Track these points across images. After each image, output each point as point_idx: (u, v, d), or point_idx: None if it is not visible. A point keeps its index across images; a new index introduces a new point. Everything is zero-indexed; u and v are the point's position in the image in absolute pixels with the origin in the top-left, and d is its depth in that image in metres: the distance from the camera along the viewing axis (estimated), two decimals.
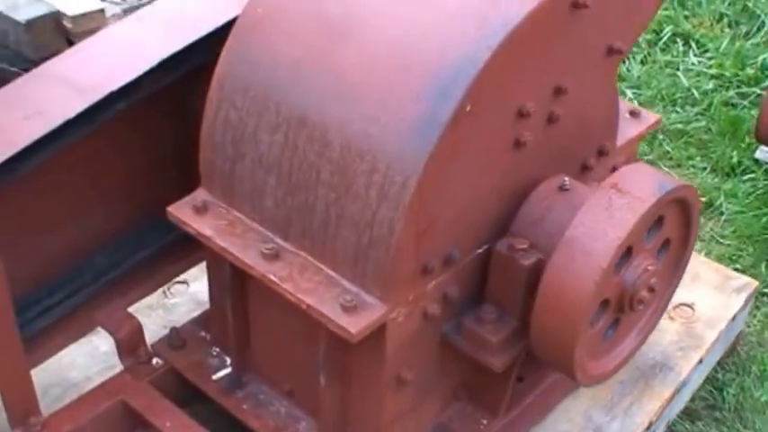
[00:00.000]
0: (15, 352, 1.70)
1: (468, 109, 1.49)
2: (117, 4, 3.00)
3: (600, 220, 1.57)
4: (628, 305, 1.70)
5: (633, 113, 2.11)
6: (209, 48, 1.85)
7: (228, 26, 1.85)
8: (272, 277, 1.64)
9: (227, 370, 2.00)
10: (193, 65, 1.87)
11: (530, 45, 1.55)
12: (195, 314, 2.22)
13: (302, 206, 1.64)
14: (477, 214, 1.68)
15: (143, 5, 2.98)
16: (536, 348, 1.71)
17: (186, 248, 2.08)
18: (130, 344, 1.98)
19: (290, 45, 1.63)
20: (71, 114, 1.69)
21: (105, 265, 2.01)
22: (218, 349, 2.02)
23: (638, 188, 1.61)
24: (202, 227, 1.73)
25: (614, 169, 2.02)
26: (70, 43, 2.77)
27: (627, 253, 1.64)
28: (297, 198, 1.64)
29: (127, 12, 2.93)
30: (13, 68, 2.71)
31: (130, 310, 2.00)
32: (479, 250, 1.74)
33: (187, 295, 2.40)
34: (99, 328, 2.00)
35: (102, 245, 2.00)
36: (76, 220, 1.92)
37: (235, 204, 1.75)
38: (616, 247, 1.55)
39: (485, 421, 1.94)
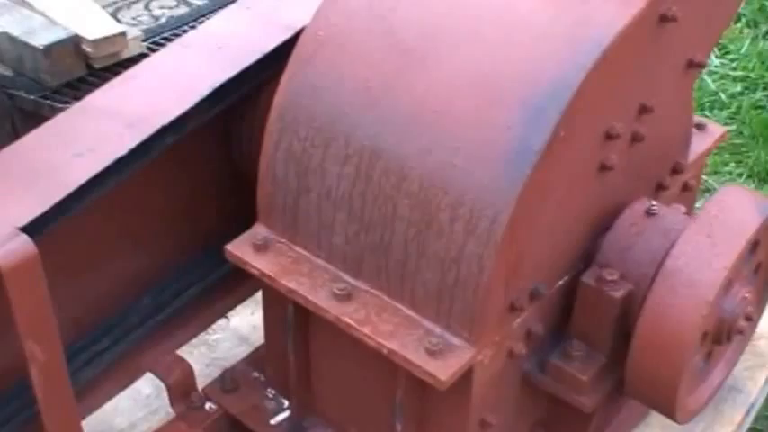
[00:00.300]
0: (69, 405, 1.59)
1: (561, 135, 1.39)
2: (134, 25, 2.89)
3: (703, 249, 1.48)
4: (725, 336, 1.61)
5: (699, 126, 2.02)
6: (256, 75, 1.76)
7: (276, 52, 1.76)
8: (349, 320, 1.54)
9: (286, 413, 1.89)
10: (241, 93, 1.78)
11: (620, 63, 1.45)
12: (238, 350, 2.12)
13: (377, 243, 1.53)
14: (562, 245, 1.58)
15: (163, 28, 2.88)
16: (631, 387, 1.61)
17: (232, 285, 2.00)
18: (182, 389, 1.88)
19: (358, 70, 1.53)
20: (123, 152, 1.58)
21: (151, 306, 1.90)
22: (273, 391, 1.92)
23: (739, 212, 1.52)
24: (265, 266, 1.63)
25: (686, 187, 1.93)
26: (89, 68, 2.65)
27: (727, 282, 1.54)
28: (371, 234, 1.54)
29: (147, 34, 2.82)
30: (30, 96, 2.59)
31: None
32: (561, 282, 1.64)
33: (229, 330, 2.32)
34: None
35: (148, 285, 1.90)
36: (121, 261, 1.82)
37: (298, 241, 1.65)
38: (723, 277, 1.46)
39: None
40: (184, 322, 1.95)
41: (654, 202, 1.64)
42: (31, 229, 1.47)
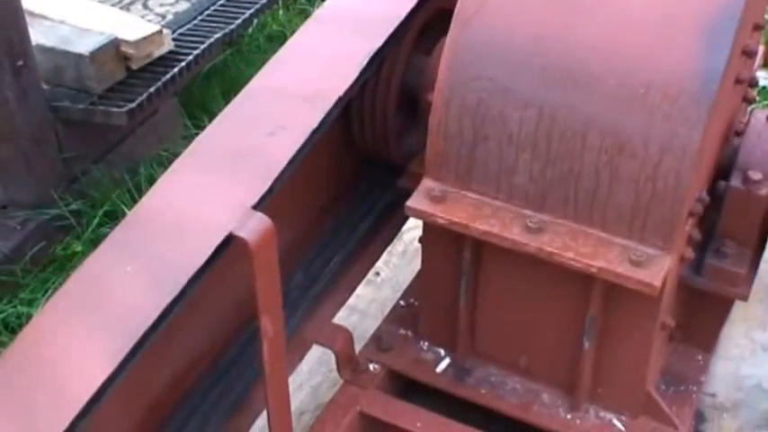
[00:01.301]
0: (286, 378, 1.70)
1: (732, 55, 1.61)
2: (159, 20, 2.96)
3: None
4: None
5: None
6: (390, 44, 1.91)
7: (407, 20, 1.92)
8: (551, 249, 1.72)
9: (447, 361, 2.06)
10: (379, 63, 1.92)
11: None
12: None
13: (564, 175, 1.72)
14: (713, 154, 1.81)
15: (176, 24, 2.96)
16: None
17: (367, 249, 2.15)
18: (346, 354, 2.02)
19: (526, 23, 1.71)
20: (315, 125, 1.71)
21: (306, 280, 2.04)
22: (426, 343, 2.08)
23: None
24: (452, 215, 1.79)
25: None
26: (128, 69, 2.72)
27: None
28: (557, 168, 1.72)
29: (164, 27, 2.90)
30: (79, 106, 2.64)
31: None
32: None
33: None
34: None
35: (298, 260, 2.03)
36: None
37: (473, 188, 1.81)
38: None
39: (699, 357, 2.09)
40: (334, 290, 2.08)
41: None
42: (257, 207, 1.59)
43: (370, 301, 2.44)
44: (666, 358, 2.06)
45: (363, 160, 2.19)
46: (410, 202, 1.83)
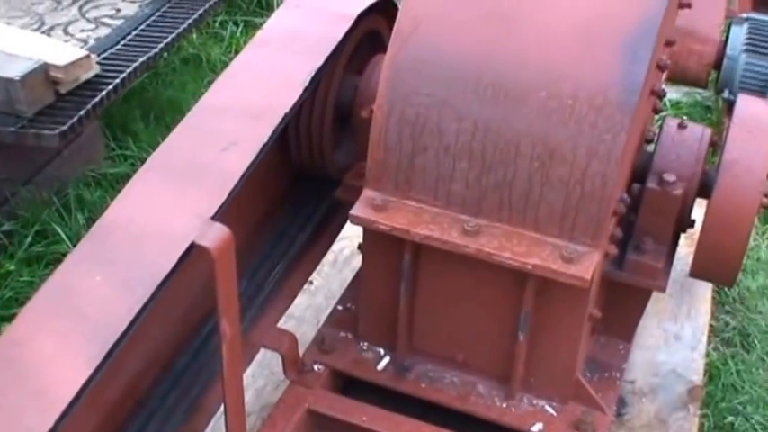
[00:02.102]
0: (241, 378, 1.74)
1: (650, 67, 1.74)
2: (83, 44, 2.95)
3: (748, 143, 1.88)
4: None
5: None
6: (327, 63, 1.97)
7: (343, 41, 1.99)
8: (489, 250, 1.81)
9: (387, 359, 2.12)
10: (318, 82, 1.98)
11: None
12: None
13: (499, 182, 1.81)
14: (632, 158, 1.93)
15: (98, 50, 2.96)
16: (699, 265, 1.99)
17: (308, 255, 2.21)
18: (293, 356, 2.07)
19: (461, 38, 1.80)
20: (265, 139, 1.76)
21: (251, 288, 2.07)
22: (366, 344, 2.14)
23: (762, 111, 1.93)
24: (394, 222, 1.86)
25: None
26: (56, 93, 2.71)
27: None
28: (492, 176, 1.81)
29: (90, 51, 2.89)
30: (10, 129, 2.62)
31: None
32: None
33: None
34: None
35: (244, 268, 2.07)
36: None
37: (412, 196, 1.89)
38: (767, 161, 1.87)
39: (620, 347, 2.20)
40: (277, 297, 2.13)
41: (684, 118, 2.03)
42: (215, 217, 1.63)
43: (305, 308, 2.49)
44: (591, 348, 2.17)
45: (299, 174, 2.24)
46: (354, 211, 1.89)
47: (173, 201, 1.66)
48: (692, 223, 2.06)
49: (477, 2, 1.82)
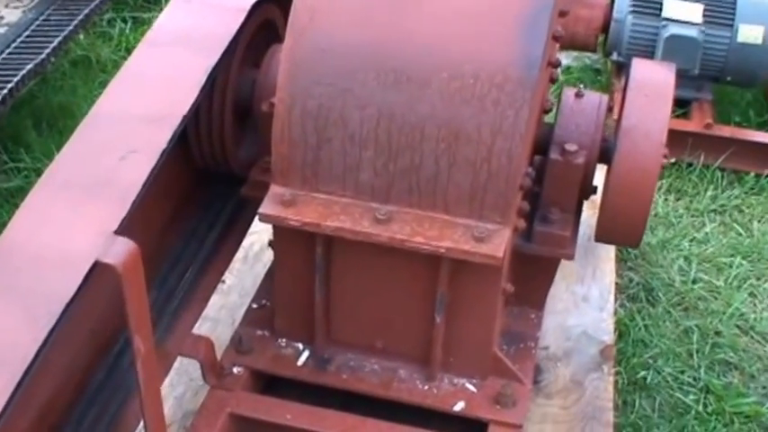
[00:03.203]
0: (159, 391, 1.64)
1: (548, 39, 1.68)
2: None
3: (645, 107, 1.84)
4: None
5: None
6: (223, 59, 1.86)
7: (237, 35, 1.88)
8: (401, 236, 1.73)
9: (306, 353, 2.04)
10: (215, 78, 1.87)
11: None
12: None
13: (407, 167, 1.74)
14: (534, 131, 1.87)
15: None
16: (603, 230, 1.95)
17: (218, 257, 2.10)
18: (211, 361, 1.96)
19: (358, 25, 1.71)
20: (164, 144, 1.64)
21: (162, 297, 1.96)
22: (284, 340, 2.05)
23: (656, 74, 1.90)
24: (304, 216, 1.77)
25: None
26: None
27: None
28: (400, 162, 1.73)
29: None
30: None
31: None
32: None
33: None
34: None
35: (154, 277, 1.95)
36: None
37: (320, 188, 1.80)
38: (666, 123, 1.83)
39: (533, 315, 2.16)
40: (190, 303, 2.01)
41: (581, 86, 1.99)
42: (118, 231, 1.52)
43: (219, 308, 2.37)
44: (505, 320, 2.12)
45: (202, 172, 2.12)
46: (262, 209, 1.79)
47: (72, 217, 1.53)
48: (594, 189, 2.02)
49: None
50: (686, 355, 2.56)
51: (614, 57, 3.32)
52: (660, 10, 3.20)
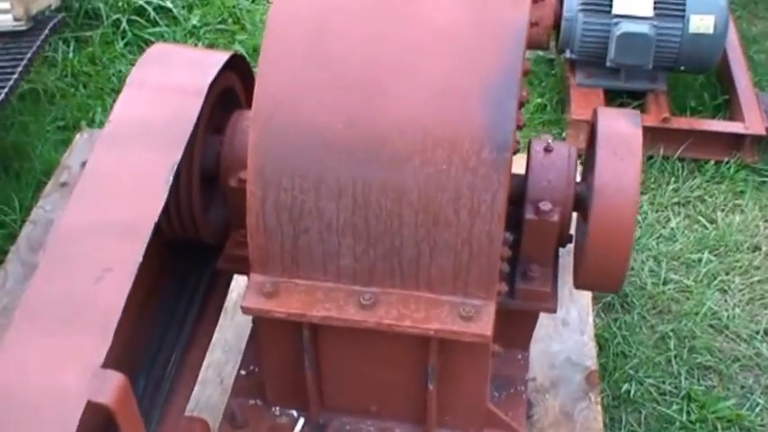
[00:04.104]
0: None
1: (517, 114, 1.63)
2: None
3: (616, 163, 1.81)
4: None
5: None
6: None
7: (198, 120, 1.81)
8: (389, 321, 1.70)
9: (302, 421, 2.01)
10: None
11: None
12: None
13: (387, 252, 1.69)
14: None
15: None
16: (583, 282, 1.93)
17: (200, 338, 2.05)
18: None
19: (324, 114, 1.64)
20: (138, 258, 1.58)
21: (150, 386, 1.91)
22: (278, 409, 2.02)
23: (623, 127, 1.86)
24: (288, 307, 1.72)
25: None
26: None
27: None
28: (380, 247, 1.69)
29: None
30: None
31: None
32: None
33: None
34: None
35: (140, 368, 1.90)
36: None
37: (301, 275, 1.75)
38: (638, 177, 1.81)
39: (519, 357, 2.15)
40: (180, 384, 1.97)
41: (549, 139, 1.94)
42: (105, 362, 1.47)
43: (206, 368, 2.31)
44: (493, 365, 2.10)
45: (171, 246, 2.05)
46: (245, 303, 1.74)
47: (55, 354, 1.48)
48: (570, 238, 1.99)
49: (335, 76, 1.65)
50: (665, 362, 2.58)
51: (567, 55, 3.27)
52: (610, 6, 3.14)
